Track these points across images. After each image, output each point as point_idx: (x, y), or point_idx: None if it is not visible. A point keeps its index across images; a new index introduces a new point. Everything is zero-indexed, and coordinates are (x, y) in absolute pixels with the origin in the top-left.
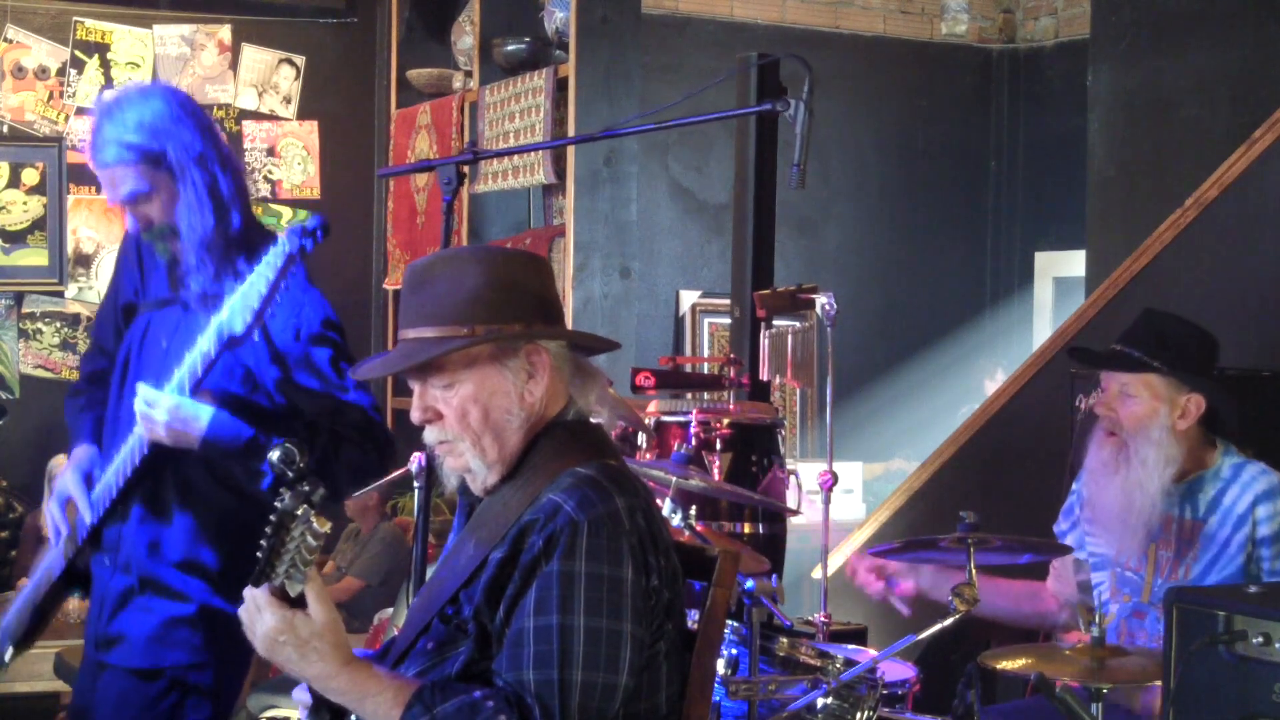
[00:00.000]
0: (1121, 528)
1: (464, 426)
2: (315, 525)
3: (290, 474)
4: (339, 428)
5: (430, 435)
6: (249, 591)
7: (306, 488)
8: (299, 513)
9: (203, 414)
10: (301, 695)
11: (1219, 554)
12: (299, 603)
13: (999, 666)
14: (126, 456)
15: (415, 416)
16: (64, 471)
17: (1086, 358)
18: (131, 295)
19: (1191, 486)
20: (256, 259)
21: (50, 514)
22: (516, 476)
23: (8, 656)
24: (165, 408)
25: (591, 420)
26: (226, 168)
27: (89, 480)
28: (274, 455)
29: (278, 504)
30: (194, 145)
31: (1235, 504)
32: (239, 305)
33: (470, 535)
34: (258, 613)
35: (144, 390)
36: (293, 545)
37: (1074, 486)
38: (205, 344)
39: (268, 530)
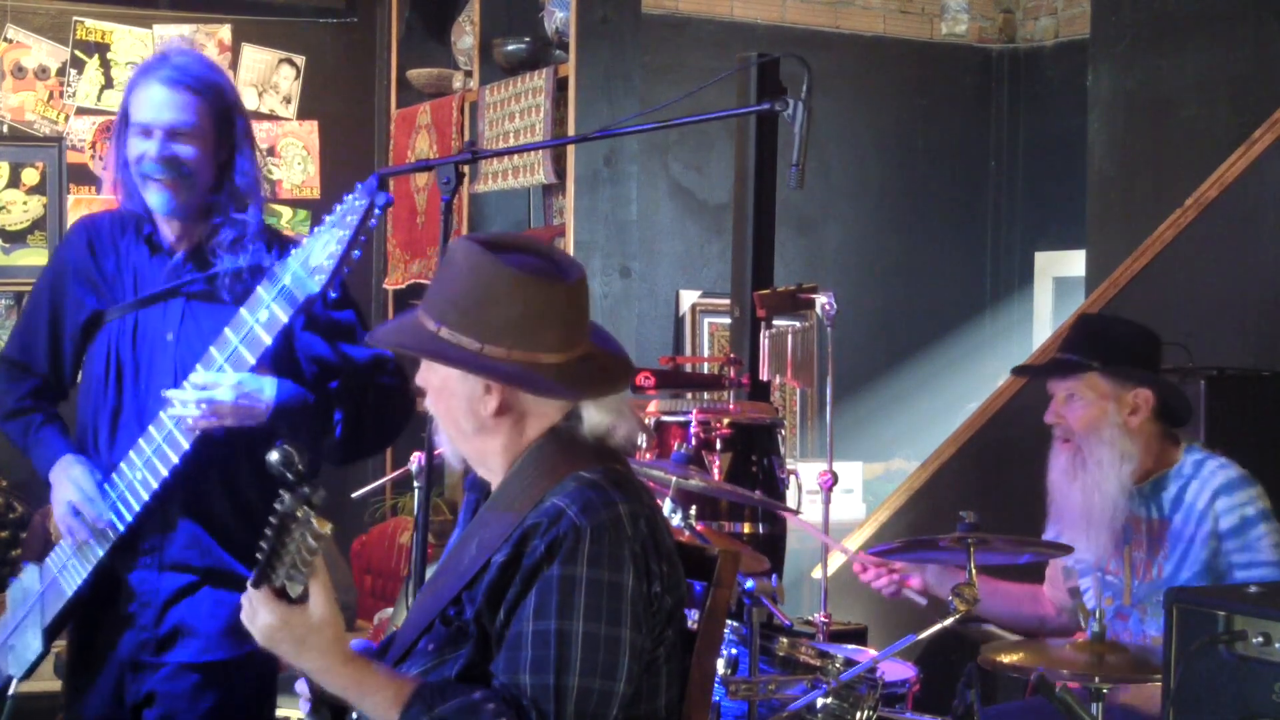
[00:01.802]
0: (1086, 530)
1: (435, 410)
2: (315, 527)
3: (290, 476)
4: (381, 378)
5: (426, 404)
6: (248, 592)
7: (306, 490)
8: (299, 515)
9: (266, 385)
10: (302, 688)
11: (1186, 551)
12: (299, 601)
13: (999, 659)
14: (154, 457)
15: (418, 380)
16: (61, 484)
17: (1027, 372)
18: (95, 305)
19: (1156, 485)
20: (282, 250)
21: (69, 528)
22: (520, 477)
23: (12, 689)
24: (229, 385)
25: (600, 429)
26: None
27: (100, 486)
28: (273, 457)
29: (277, 506)
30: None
31: (1196, 500)
32: (301, 271)
33: (473, 535)
34: (254, 612)
35: (195, 377)
36: (293, 547)
37: None
38: (264, 314)
39: (267, 532)
